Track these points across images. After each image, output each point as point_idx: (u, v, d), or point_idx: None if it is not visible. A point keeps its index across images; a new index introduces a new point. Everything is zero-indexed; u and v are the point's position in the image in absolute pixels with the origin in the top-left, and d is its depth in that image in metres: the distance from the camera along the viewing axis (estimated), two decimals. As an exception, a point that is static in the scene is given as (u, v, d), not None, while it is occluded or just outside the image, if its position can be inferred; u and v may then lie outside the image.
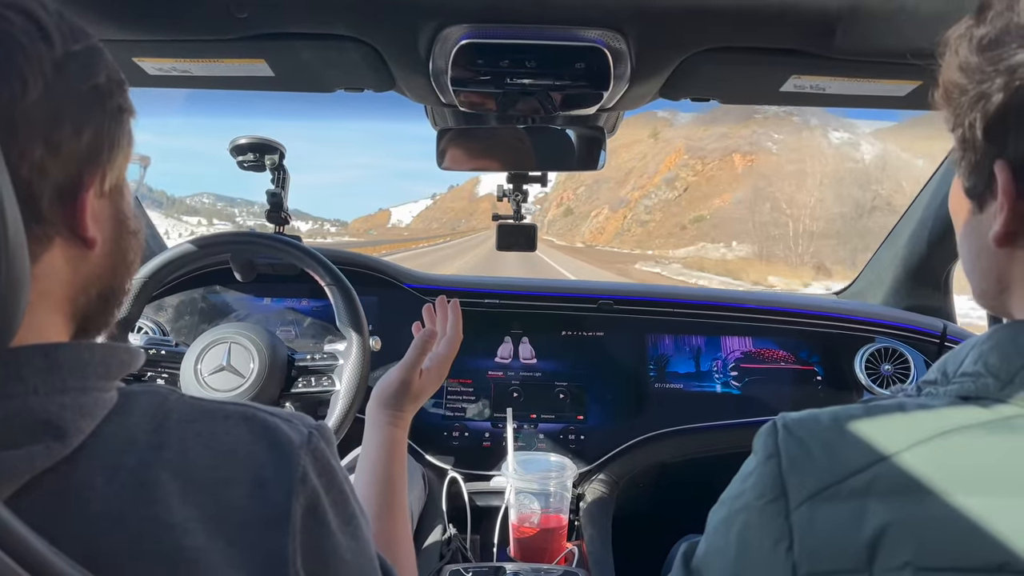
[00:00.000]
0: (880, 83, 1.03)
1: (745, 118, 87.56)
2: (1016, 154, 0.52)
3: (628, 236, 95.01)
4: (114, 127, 0.52)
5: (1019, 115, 0.51)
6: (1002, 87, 0.51)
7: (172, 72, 1.11)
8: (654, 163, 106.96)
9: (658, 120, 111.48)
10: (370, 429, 0.95)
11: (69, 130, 0.48)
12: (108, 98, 0.52)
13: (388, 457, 0.92)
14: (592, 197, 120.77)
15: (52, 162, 0.47)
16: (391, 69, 1.07)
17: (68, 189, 0.49)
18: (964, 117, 0.54)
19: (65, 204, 0.49)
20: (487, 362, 1.70)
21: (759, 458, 0.56)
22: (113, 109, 0.52)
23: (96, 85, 0.50)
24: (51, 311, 0.51)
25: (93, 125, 0.50)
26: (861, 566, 0.48)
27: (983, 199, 0.56)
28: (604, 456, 1.61)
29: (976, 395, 0.52)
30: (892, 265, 1.90)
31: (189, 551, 0.45)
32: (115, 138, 0.52)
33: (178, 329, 1.70)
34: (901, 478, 0.49)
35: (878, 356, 1.70)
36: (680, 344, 1.75)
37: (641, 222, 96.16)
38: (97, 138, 0.50)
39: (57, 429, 0.44)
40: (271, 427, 0.53)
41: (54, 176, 0.47)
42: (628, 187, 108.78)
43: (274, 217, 1.58)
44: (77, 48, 0.49)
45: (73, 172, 0.49)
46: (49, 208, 0.48)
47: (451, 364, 1.06)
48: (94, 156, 0.50)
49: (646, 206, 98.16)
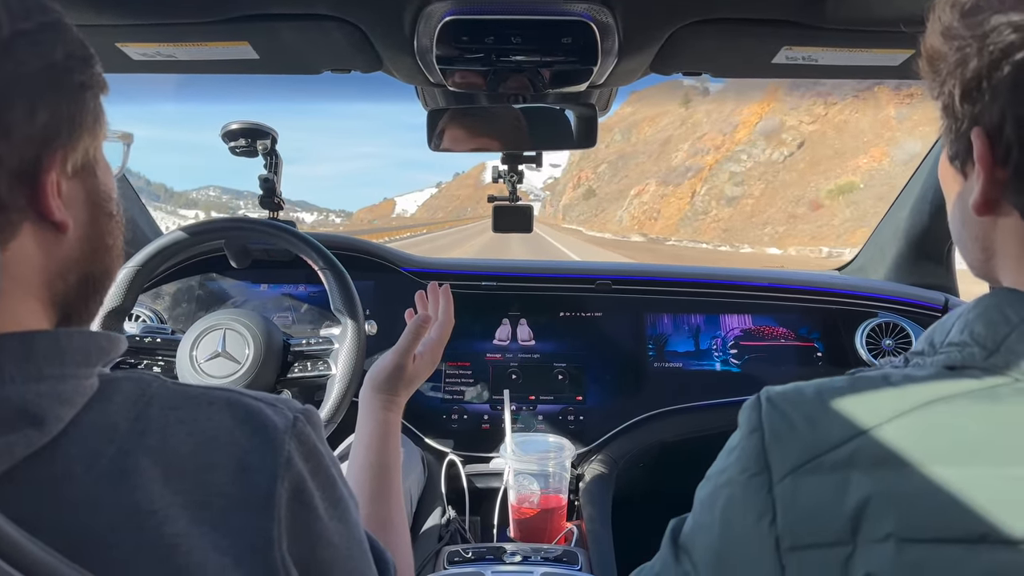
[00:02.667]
0: (873, 53, 1.02)
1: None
2: (991, 121, 0.51)
3: (706, 221, 62.59)
4: (74, 106, 0.50)
5: (992, 81, 0.50)
6: (977, 52, 0.50)
7: (157, 57, 1.10)
8: (723, 118, 78.97)
9: (687, 88, 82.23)
10: (364, 414, 0.95)
11: (21, 112, 0.46)
12: (66, 75, 0.50)
13: (382, 441, 0.92)
14: (618, 175, 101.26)
15: (4, 146, 0.45)
16: (376, 49, 1.06)
17: (27, 173, 0.47)
18: (945, 84, 0.53)
19: (26, 188, 0.48)
20: (485, 345, 1.70)
21: (743, 432, 0.56)
22: (73, 86, 0.50)
23: (52, 63, 0.48)
24: (26, 298, 0.50)
25: (49, 105, 0.48)
26: (844, 538, 0.47)
27: (965, 167, 0.56)
28: (603, 436, 1.61)
29: (962, 364, 0.51)
30: (894, 240, 1.88)
31: (171, 537, 0.45)
32: (75, 117, 0.50)
33: (175, 317, 1.71)
34: (884, 449, 0.48)
35: (879, 331, 1.69)
36: (679, 323, 1.74)
37: (727, 199, 62.69)
38: (54, 118, 0.48)
39: (35, 417, 0.44)
40: (255, 412, 0.53)
41: (9, 161, 0.46)
42: (680, 154, 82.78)
43: (267, 203, 1.57)
44: (27, 26, 0.47)
45: (30, 155, 0.47)
46: (9, 193, 0.46)
47: (443, 349, 1.06)
48: (52, 137, 0.48)
49: (733, 173, 64.96)
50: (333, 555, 0.54)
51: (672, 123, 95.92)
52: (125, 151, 0.70)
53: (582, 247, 41.13)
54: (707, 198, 64.96)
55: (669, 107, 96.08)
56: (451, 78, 1.13)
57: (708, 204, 64.82)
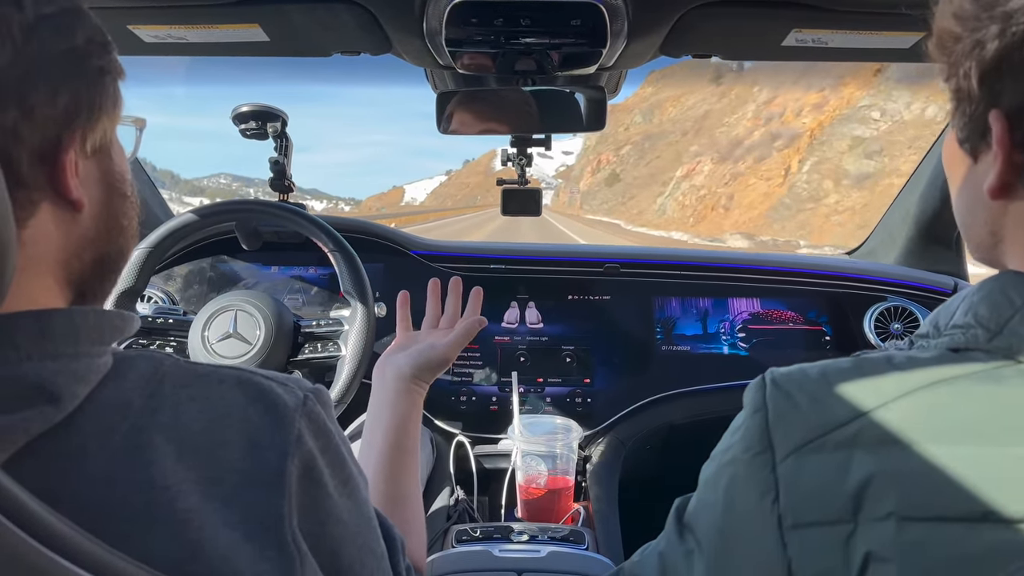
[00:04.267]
0: (883, 35, 1.01)
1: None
2: (1011, 104, 0.50)
3: (818, 213, 36.68)
4: (94, 89, 0.52)
5: (1013, 63, 0.49)
6: (997, 34, 0.49)
7: (168, 39, 1.11)
8: (800, 75, 55.30)
9: (716, 64, 47.38)
10: (396, 395, 0.94)
11: (43, 94, 0.48)
12: (86, 60, 0.51)
13: (412, 424, 0.92)
14: (645, 157, 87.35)
15: (26, 126, 0.47)
16: (386, 31, 1.06)
17: (47, 152, 0.49)
18: (958, 67, 0.53)
19: (46, 167, 0.49)
20: (493, 327, 1.71)
21: (747, 412, 0.56)
22: (93, 71, 0.52)
23: (73, 47, 0.50)
24: (43, 276, 0.51)
25: (70, 88, 0.49)
26: (846, 516, 0.48)
27: (977, 151, 0.55)
28: (611, 418, 1.62)
29: (966, 346, 0.51)
30: (903, 224, 1.87)
31: (183, 512, 0.46)
32: (95, 100, 0.52)
33: (187, 298, 1.72)
34: (886, 429, 0.49)
35: (888, 315, 1.68)
36: (687, 306, 1.75)
37: (852, 177, 37.61)
38: (75, 100, 0.50)
39: (51, 394, 0.45)
40: (266, 390, 0.54)
41: (30, 140, 0.47)
42: (737, 128, 64.00)
43: (278, 185, 1.58)
44: (50, 10, 0.48)
45: (51, 135, 0.49)
46: (29, 172, 0.48)
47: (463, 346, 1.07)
48: (71, 118, 0.50)
49: (858, 139, 39.67)
50: (342, 531, 0.55)
51: (705, 99, 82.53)
52: (138, 136, 0.71)
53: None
54: (815, 177, 40.00)
55: (695, 86, 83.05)
56: (460, 60, 1.13)
57: (818, 186, 39.52)
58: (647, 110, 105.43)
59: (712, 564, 0.55)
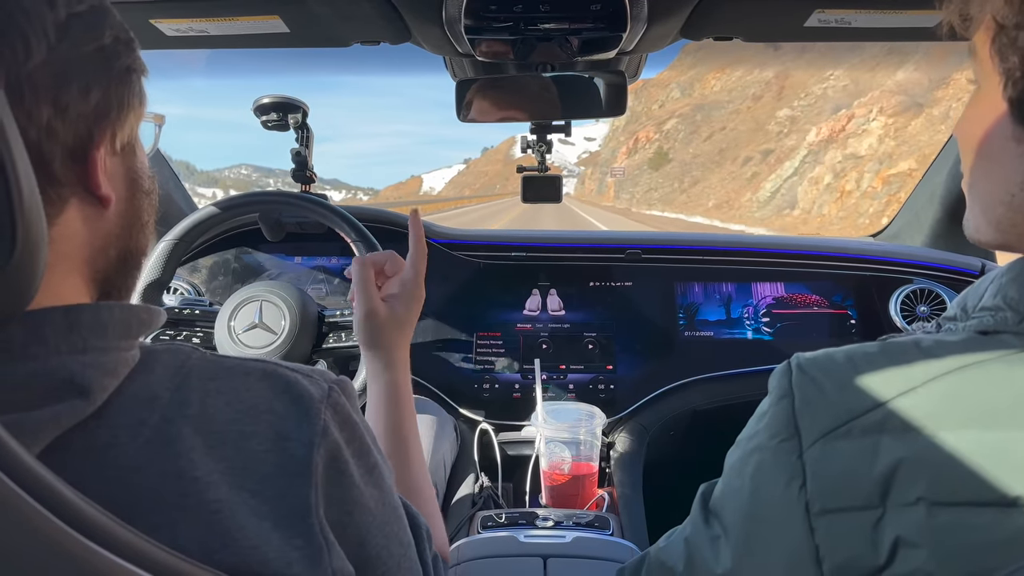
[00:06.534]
0: (908, 14, 0.99)
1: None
2: None
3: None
4: (122, 87, 0.52)
5: None
6: None
7: (189, 32, 1.12)
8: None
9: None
10: (370, 380, 0.90)
11: (76, 91, 0.48)
12: (115, 58, 0.52)
13: (393, 405, 0.87)
14: (699, 132, 67.48)
15: (60, 123, 0.47)
16: (405, 20, 1.06)
17: (79, 149, 0.49)
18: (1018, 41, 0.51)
19: (77, 164, 0.50)
20: (515, 315, 1.71)
21: (773, 398, 0.56)
22: (121, 69, 0.52)
23: (102, 46, 0.50)
24: (70, 273, 0.52)
25: (100, 85, 0.50)
26: (874, 502, 0.48)
27: None
28: (634, 405, 1.62)
29: (995, 329, 0.51)
30: (929, 205, 1.85)
31: (213, 503, 0.47)
32: (124, 97, 0.52)
33: (212, 289, 1.74)
34: (915, 414, 0.48)
35: (914, 297, 1.66)
36: (710, 292, 1.74)
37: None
38: (105, 98, 0.50)
39: (81, 388, 0.45)
40: (292, 382, 0.54)
41: (64, 137, 0.48)
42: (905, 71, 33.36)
43: (299, 176, 1.59)
44: (81, 9, 0.49)
45: (83, 132, 0.49)
46: (62, 169, 0.48)
47: (423, 281, 0.93)
48: (103, 116, 0.51)
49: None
50: (369, 520, 0.56)
51: (748, 83, 64.40)
52: (157, 132, 0.72)
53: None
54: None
55: (742, 55, 70.16)
56: (479, 48, 1.12)
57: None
58: (686, 84, 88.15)
59: (739, 550, 0.55)
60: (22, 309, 0.44)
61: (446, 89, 1.45)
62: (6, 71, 0.44)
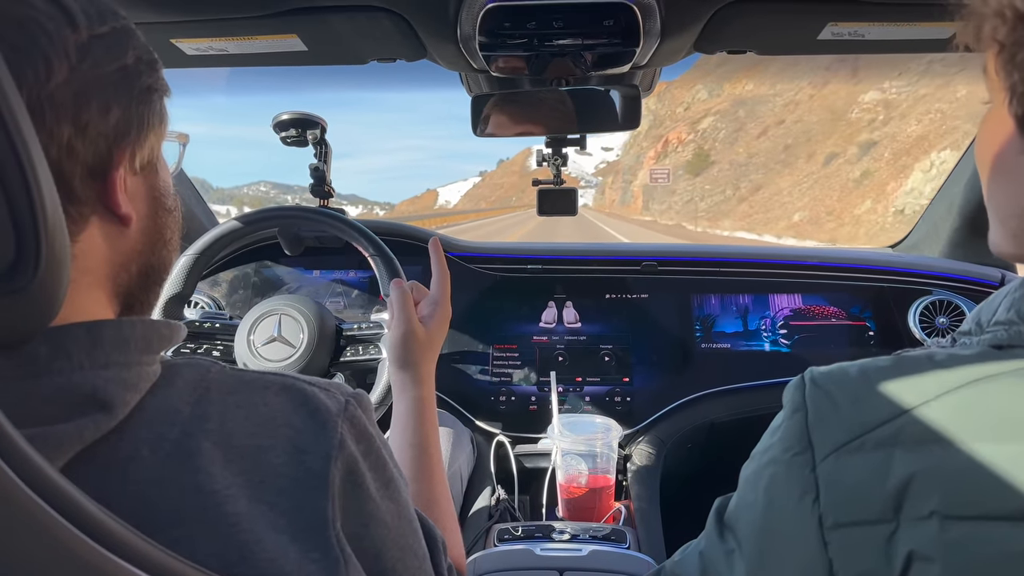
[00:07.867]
0: (921, 27, 0.99)
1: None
2: None
3: None
4: (143, 107, 0.53)
5: None
6: None
7: (209, 51, 1.14)
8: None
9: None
10: (396, 395, 0.94)
11: (96, 111, 0.49)
12: (136, 78, 0.53)
13: (418, 420, 0.91)
14: (743, 130, 59.33)
15: (80, 142, 0.48)
16: (420, 37, 1.08)
17: (99, 168, 0.50)
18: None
19: (97, 183, 0.51)
20: (532, 327, 1.72)
21: (787, 412, 0.56)
22: (142, 89, 0.53)
23: (124, 66, 0.51)
24: (93, 289, 0.53)
25: (121, 105, 0.51)
26: (887, 516, 0.47)
27: None
28: (651, 417, 1.62)
29: (1009, 343, 0.50)
30: (948, 216, 1.83)
31: (232, 516, 0.47)
32: (144, 117, 0.53)
33: (233, 303, 1.76)
34: (928, 427, 0.48)
35: (933, 309, 1.65)
36: (727, 303, 1.73)
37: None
38: (126, 118, 0.51)
39: (103, 402, 0.46)
40: (309, 396, 0.55)
41: (83, 156, 0.49)
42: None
43: (318, 191, 1.61)
44: (103, 30, 0.50)
45: (103, 151, 0.50)
46: (82, 187, 0.49)
47: (449, 304, 1.01)
48: (122, 135, 0.51)
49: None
50: (385, 533, 0.56)
51: (782, 92, 55.08)
52: (181, 151, 0.73)
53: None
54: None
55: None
56: (494, 64, 1.14)
57: None
58: (714, 84, 77.00)
59: (752, 564, 0.55)
60: (46, 325, 0.45)
61: (460, 103, 1.46)
62: (27, 92, 0.45)
